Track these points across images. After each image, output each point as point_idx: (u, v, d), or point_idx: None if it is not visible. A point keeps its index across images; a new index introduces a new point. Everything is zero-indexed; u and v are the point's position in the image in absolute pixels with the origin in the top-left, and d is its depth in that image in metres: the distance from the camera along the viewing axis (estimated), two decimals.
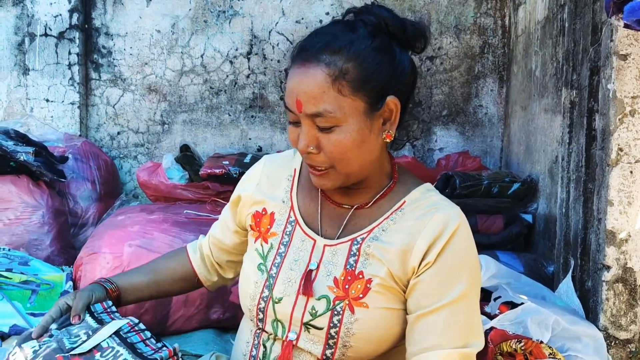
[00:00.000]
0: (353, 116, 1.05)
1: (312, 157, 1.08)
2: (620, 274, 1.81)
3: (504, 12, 3.39)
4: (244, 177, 1.31)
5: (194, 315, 2.05)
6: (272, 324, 1.15)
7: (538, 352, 1.63)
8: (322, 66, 1.04)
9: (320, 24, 3.38)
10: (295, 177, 1.24)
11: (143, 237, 2.15)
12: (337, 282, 1.11)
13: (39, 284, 1.94)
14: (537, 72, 2.76)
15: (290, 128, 1.11)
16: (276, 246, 1.19)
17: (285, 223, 1.20)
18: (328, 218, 1.18)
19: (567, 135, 2.11)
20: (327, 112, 1.04)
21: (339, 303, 1.09)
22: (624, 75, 1.77)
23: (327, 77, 1.03)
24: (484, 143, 3.44)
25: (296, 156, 1.27)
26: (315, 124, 1.06)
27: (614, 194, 1.79)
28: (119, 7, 3.38)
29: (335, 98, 1.04)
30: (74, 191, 2.78)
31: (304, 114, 1.05)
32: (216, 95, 3.43)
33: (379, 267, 1.10)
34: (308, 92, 1.04)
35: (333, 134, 1.05)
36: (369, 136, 1.08)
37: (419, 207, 1.13)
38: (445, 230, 1.08)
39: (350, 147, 1.06)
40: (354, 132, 1.06)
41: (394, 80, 1.08)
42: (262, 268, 1.18)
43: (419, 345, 1.06)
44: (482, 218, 2.58)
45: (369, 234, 1.13)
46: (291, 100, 1.06)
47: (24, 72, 3.30)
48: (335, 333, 1.09)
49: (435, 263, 1.07)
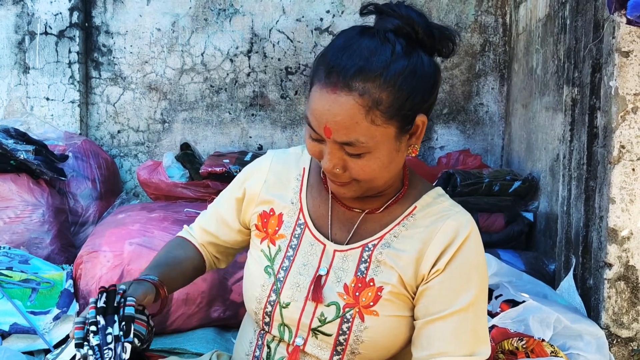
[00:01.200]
0: (384, 143, 1.01)
1: (337, 174, 1.05)
2: (622, 272, 1.80)
3: (505, 10, 3.38)
4: (248, 169, 1.26)
5: (195, 314, 2.04)
6: (279, 328, 1.13)
7: (540, 350, 1.63)
8: (355, 96, 0.97)
9: (321, 22, 3.37)
10: (304, 177, 1.20)
11: (143, 236, 2.15)
12: (347, 288, 1.09)
13: (39, 282, 1.94)
14: (539, 70, 2.76)
15: (309, 138, 1.06)
16: (284, 249, 1.16)
17: (294, 225, 1.17)
18: (338, 221, 1.16)
19: (568, 133, 2.10)
20: (359, 142, 1.00)
21: (349, 310, 1.08)
22: (626, 72, 1.76)
23: (361, 108, 0.97)
24: (485, 141, 3.44)
25: (304, 153, 1.23)
26: (344, 148, 1.02)
27: (615, 192, 1.79)
28: (119, 6, 3.37)
29: (367, 128, 0.99)
30: (74, 190, 2.78)
31: (333, 140, 1.01)
32: (216, 94, 3.42)
33: (390, 275, 1.09)
34: (339, 122, 0.99)
35: (362, 159, 1.02)
36: (397, 156, 1.06)
37: (430, 213, 1.11)
38: (457, 238, 1.07)
39: (379, 170, 1.03)
40: (383, 157, 1.02)
41: (425, 100, 1.04)
42: (270, 271, 1.15)
43: (426, 352, 1.05)
44: (483, 216, 2.58)
45: (380, 240, 1.11)
46: (318, 124, 1.01)
47: (24, 71, 3.30)
48: (344, 340, 1.08)
49: (445, 270, 1.06)
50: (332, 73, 0.99)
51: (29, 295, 1.88)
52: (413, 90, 1.00)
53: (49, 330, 1.80)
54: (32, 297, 1.88)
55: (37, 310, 1.83)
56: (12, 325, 1.74)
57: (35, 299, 1.87)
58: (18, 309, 1.78)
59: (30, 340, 1.76)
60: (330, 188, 1.11)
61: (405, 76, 0.99)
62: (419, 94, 1.01)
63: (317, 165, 1.22)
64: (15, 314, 1.77)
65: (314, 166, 1.21)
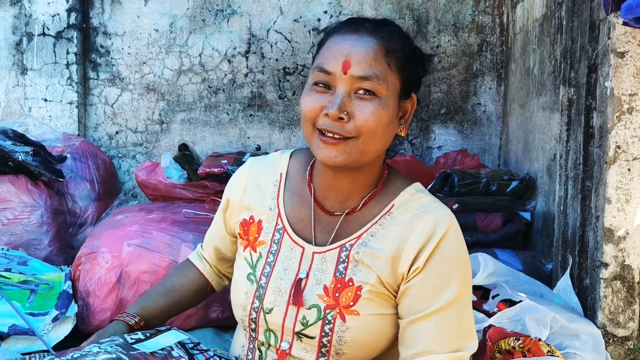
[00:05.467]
0: (392, 93, 1.08)
1: (340, 124, 1.05)
2: (618, 272, 1.81)
3: (502, 10, 3.39)
4: (230, 180, 1.29)
5: (193, 314, 2.05)
6: (265, 333, 1.14)
7: (536, 349, 1.63)
8: (377, 38, 1.07)
9: (319, 22, 3.38)
10: (281, 182, 1.22)
11: (142, 237, 2.15)
12: (327, 290, 1.10)
13: (38, 283, 1.94)
14: (535, 70, 2.76)
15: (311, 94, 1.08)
16: (265, 255, 1.17)
17: (273, 231, 1.18)
18: (320, 225, 1.17)
19: (565, 133, 2.11)
20: (376, 77, 1.05)
21: (330, 312, 1.08)
22: (621, 72, 1.77)
23: (382, 48, 1.07)
24: (483, 141, 3.45)
25: (282, 158, 1.25)
26: (354, 89, 1.05)
27: (611, 192, 1.80)
28: (117, 7, 3.38)
29: (385, 68, 1.07)
30: (73, 191, 2.78)
31: (349, 75, 1.05)
32: (214, 94, 3.43)
33: (368, 274, 1.09)
34: (361, 53, 1.05)
35: (370, 102, 1.05)
36: (394, 122, 1.10)
37: (408, 210, 1.12)
38: (434, 234, 1.07)
39: (384, 121, 1.06)
40: (389, 108, 1.07)
41: (419, 78, 1.15)
42: (252, 278, 1.17)
43: (412, 350, 1.06)
44: (480, 216, 2.58)
45: (357, 239, 1.12)
46: (334, 60, 1.06)
47: (22, 72, 3.30)
48: (328, 342, 1.08)
49: (424, 269, 1.06)
50: (353, 23, 1.11)
51: (28, 297, 1.88)
52: (419, 58, 1.13)
53: (47, 332, 1.80)
54: (31, 298, 1.88)
55: (36, 311, 1.84)
56: (11, 326, 1.74)
57: (34, 300, 1.88)
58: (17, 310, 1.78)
59: (29, 341, 1.76)
60: (320, 156, 1.08)
61: (412, 43, 1.13)
62: (420, 65, 1.14)
63: (297, 170, 1.22)
64: (14, 316, 1.77)
65: (293, 171, 1.22)
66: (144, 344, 1.08)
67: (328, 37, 1.11)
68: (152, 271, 2.05)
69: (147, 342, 1.09)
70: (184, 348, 1.12)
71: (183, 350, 1.11)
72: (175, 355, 1.08)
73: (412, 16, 3.39)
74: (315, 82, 1.08)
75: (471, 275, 1.14)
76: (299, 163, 1.23)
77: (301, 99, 1.10)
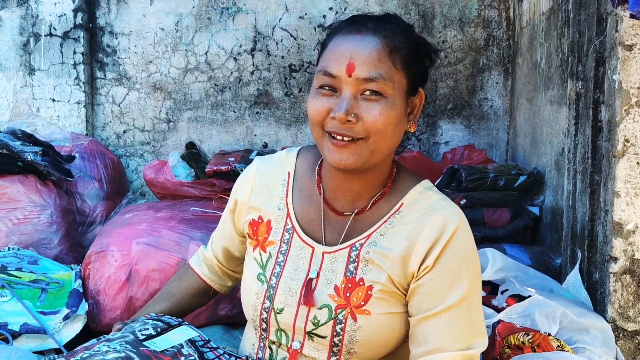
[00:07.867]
0: (399, 92, 1.07)
1: (348, 126, 1.05)
2: (627, 266, 1.81)
3: (508, 4, 3.37)
4: (238, 180, 1.29)
5: (202, 312, 2.06)
6: (276, 333, 1.15)
7: (546, 344, 1.63)
8: (380, 36, 1.06)
9: (324, 19, 3.37)
10: (289, 182, 1.21)
11: (150, 235, 2.16)
12: (337, 290, 1.10)
13: (49, 282, 1.95)
14: (542, 64, 2.75)
15: (317, 97, 1.08)
16: (275, 255, 1.17)
17: (283, 231, 1.18)
18: (330, 224, 1.17)
19: (573, 127, 2.10)
20: (382, 77, 1.04)
21: (341, 311, 1.09)
22: (629, 65, 1.76)
23: (385, 47, 1.06)
24: (490, 136, 3.43)
25: (289, 157, 1.24)
26: (360, 91, 1.05)
27: (620, 186, 1.79)
28: (123, 6, 3.39)
29: (390, 68, 1.05)
30: (82, 190, 2.80)
31: (355, 78, 1.04)
32: (221, 93, 3.43)
33: (379, 274, 1.09)
34: (365, 55, 1.04)
35: (378, 103, 1.04)
36: (402, 120, 1.09)
37: (417, 208, 1.12)
38: (444, 233, 1.07)
39: (392, 121, 1.06)
40: (397, 107, 1.06)
41: (426, 72, 1.14)
42: (262, 278, 1.17)
43: (423, 348, 1.06)
44: (488, 211, 2.58)
45: (367, 239, 1.12)
46: (338, 64, 1.05)
47: (30, 72, 3.32)
48: (339, 341, 1.09)
49: (434, 267, 1.06)
50: (355, 22, 1.09)
51: (39, 296, 1.90)
52: (424, 53, 1.12)
53: (58, 330, 1.82)
54: (42, 297, 1.89)
55: (46, 310, 1.85)
56: (22, 325, 1.75)
57: (44, 299, 1.89)
58: (28, 309, 1.80)
59: (41, 340, 1.78)
60: (330, 159, 1.08)
61: (417, 38, 1.12)
62: (426, 61, 1.13)
63: (305, 170, 1.22)
64: (25, 314, 1.78)
65: (301, 171, 1.22)
66: (154, 340, 1.09)
67: (330, 39, 1.10)
68: (161, 269, 2.06)
69: (157, 339, 1.10)
70: (194, 346, 1.12)
71: (193, 348, 1.11)
72: (185, 353, 1.09)
73: (418, 11, 3.38)
74: (320, 85, 1.07)
75: (480, 273, 1.14)
76: (307, 162, 1.23)
77: (308, 102, 1.10)
